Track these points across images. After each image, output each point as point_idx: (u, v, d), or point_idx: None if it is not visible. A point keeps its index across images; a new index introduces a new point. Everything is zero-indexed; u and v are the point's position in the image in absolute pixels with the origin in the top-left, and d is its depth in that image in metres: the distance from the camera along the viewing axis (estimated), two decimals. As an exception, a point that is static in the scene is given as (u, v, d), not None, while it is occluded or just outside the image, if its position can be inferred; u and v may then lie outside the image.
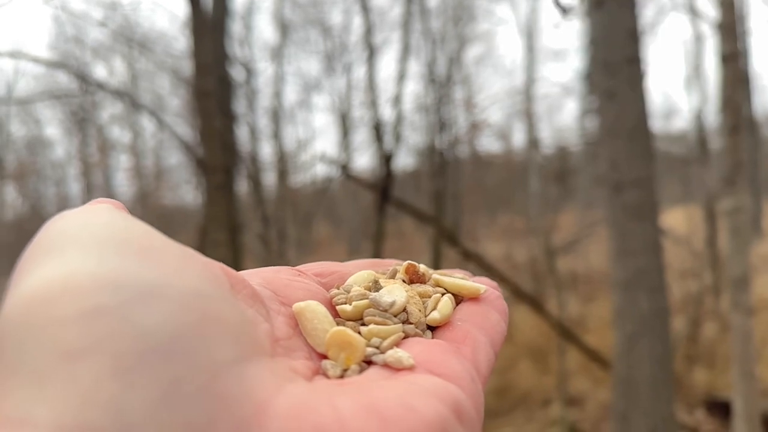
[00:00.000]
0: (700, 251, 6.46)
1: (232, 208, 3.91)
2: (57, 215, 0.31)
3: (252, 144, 7.14)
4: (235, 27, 6.39)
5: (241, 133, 6.26)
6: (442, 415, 0.30)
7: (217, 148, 3.59)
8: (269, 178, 8.16)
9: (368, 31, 5.86)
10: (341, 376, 0.34)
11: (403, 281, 0.48)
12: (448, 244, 5.43)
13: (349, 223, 13.03)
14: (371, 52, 5.94)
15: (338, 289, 0.43)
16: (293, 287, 0.40)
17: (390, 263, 0.52)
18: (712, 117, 7.20)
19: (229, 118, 4.69)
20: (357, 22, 9.63)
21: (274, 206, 7.05)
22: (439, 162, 6.42)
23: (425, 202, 6.39)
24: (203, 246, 5.19)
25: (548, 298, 6.47)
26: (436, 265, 5.71)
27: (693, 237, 6.73)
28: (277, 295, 0.38)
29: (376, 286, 0.44)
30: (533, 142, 10.01)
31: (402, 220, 8.53)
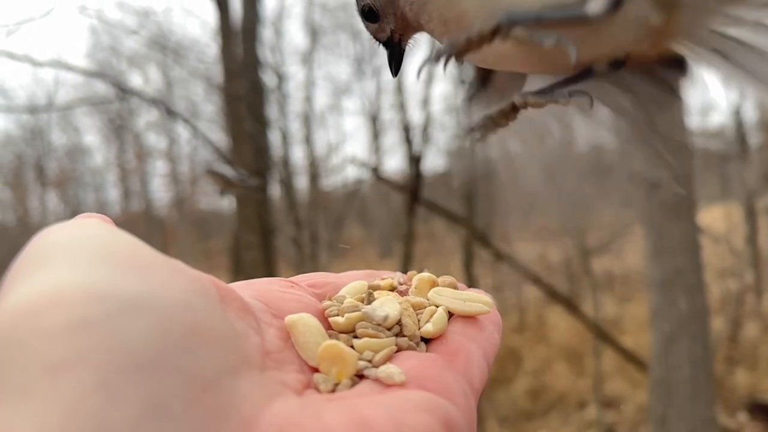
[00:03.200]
0: (740, 250, 6.29)
1: (263, 212, 3.95)
2: (45, 229, 0.31)
3: (284, 148, 7.21)
4: (266, 33, 6.47)
5: (274, 137, 6.34)
6: (432, 430, 0.30)
7: (247, 150, 3.65)
8: (301, 182, 8.23)
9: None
10: (333, 391, 0.34)
11: (395, 290, 0.47)
12: (480, 245, 5.40)
13: (381, 225, 13.05)
14: (400, 54, 5.95)
15: (331, 300, 0.43)
16: (285, 299, 0.40)
17: (384, 274, 0.51)
18: (752, 112, 7.00)
19: (261, 123, 4.74)
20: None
21: (306, 209, 7.10)
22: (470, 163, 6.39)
23: (457, 203, 6.37)
24: (237, 249, 5.25)
25: (583, 298, 6.37)
26: (468, 267, 5.68)
27: (732, 235, 6.56)
28: (269, 307, 0.38)
29: (369, 298, 0.43)
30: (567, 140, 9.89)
31: (433, 222, 8.51)
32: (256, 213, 3.57)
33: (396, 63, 0.57)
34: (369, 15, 0.55)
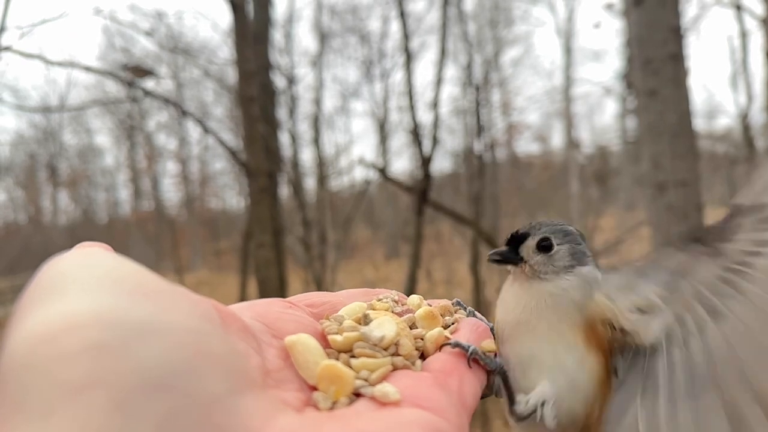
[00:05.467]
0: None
1: (275, 211, 3.99)
2: (53, 258, 0.34)
3: (293, 150, 7.27)
4: (277, 36, 6.53)
5: (283, 139, 6.39)
6: None
7: (260, 151, 3.68)
8: (310, 183, 8.29)
9: (405, 37, 5.92)
10: (331, 408, 0.37)
11: (393, 312, 0.49)
12: (487, 245, 5.43)
13: (388, 225, 13.07)
14: (408, 58, 6.00)
15: (329, 319, 0.45)
16: (285, 320, 0.42)
17: (380, 293, 0.55)
18: (759, 115, 6.99)
19: (271, 124, 4.79)
20: (394, 29, 9.72)
21: (314, 210, 7.15)
22: (477, 165, 6.42)
23: (463, 204, 6.39)
24: (248, 249, 5.30)
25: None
26: (475, 268, 5.71)
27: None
28: (269, 327, 0.40)
29: (366, 319, 0.46)
30: (573, 143, 9.88)
31: (440, 223, 8.53)
32: (268, 212, 3.60)
33: (504, 260, 0.62)
34: (543, 247, 0.61)
